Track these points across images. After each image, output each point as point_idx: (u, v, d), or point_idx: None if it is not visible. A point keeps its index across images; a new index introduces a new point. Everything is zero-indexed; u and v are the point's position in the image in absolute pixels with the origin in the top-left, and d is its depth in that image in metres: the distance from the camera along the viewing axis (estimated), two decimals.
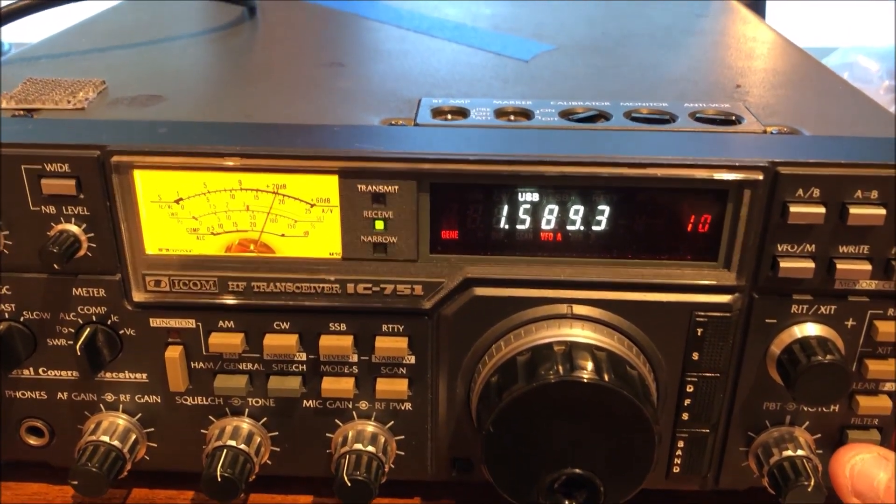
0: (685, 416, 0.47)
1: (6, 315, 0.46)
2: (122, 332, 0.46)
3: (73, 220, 0.43)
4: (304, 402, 0.48)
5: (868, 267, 0.43)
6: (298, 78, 0.56)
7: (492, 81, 0.55)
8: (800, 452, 0.46)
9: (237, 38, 0.68)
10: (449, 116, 0.48)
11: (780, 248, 0.43)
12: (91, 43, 0.63)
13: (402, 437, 0.49)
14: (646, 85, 0.55)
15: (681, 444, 0.48)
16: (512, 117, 0.48)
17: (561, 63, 0.60)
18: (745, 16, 0.78)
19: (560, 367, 0.42)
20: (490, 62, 0.60)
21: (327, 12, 0.76)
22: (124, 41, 0.64)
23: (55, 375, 0.48)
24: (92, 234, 0.44)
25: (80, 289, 0.45)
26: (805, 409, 0.47)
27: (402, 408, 0.48)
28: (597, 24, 0.72)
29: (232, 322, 0.46)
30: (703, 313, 0.44)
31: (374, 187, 0.43)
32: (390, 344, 0.46)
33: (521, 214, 0.44)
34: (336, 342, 0.46)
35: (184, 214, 0.44)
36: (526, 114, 0.48)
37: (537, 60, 0.60)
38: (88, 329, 0.46)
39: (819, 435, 0.48)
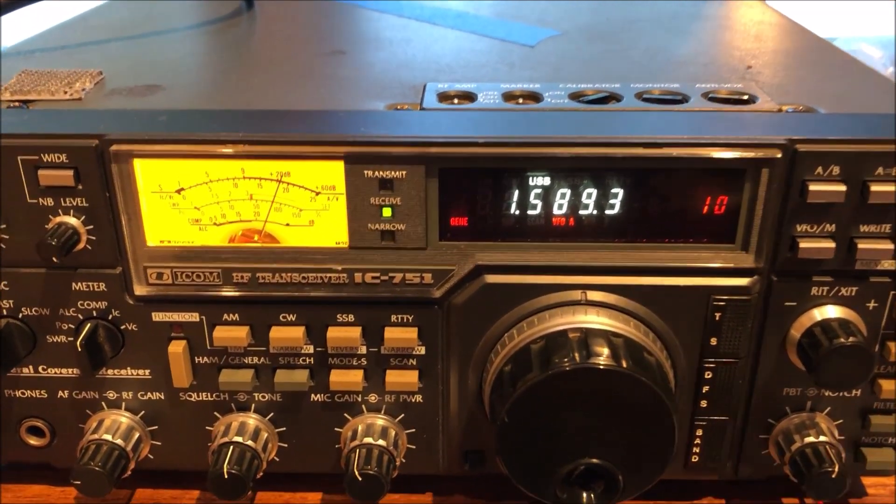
0: (703, 404, 0.46)
1: (4, 312, 0.45)
2: (123, 327, 0.45)
3: (71, 211, 0.42)
4: (312, 395, 0.47)
5: (890, 246, 0.41)
6: (299, 66, 0.55)
7: (498, 66, 0.54)
8: (822, 438, 0.45)
9: (236, 28, 0.66)
10: (456, 101, 0.47)
11: (799, 229, 0.42)
12: (86, 36, 0.62)
13: (413, 430, 0.48)
14: (655, 67, 0.54)
15: (699, 432, 0.47)
16: (521, 100, 0.46)
17: (567, 48, 0.59)
18: None
19: (576, 355, 0.41)
20: (495, 48, 0.58)
21: (325, 2, 0.74)
22: (120, 34, 0.62)
23: (55, 373, 0.47)
24: (91, 227, 0.43)
25: (79, 283, 0.44)
26: (826, 394, 0.46)
27: (413, 400, 0.47)
28: (600, 11, 0.71)
29: (237, 315, 0.45)
30: (720, 297, 0.43)
31: (380, 173, 0.41)
32: (400, 335, 0.45)
33: (532, 199, 0.43)
34: (344, 334, 0.45)
35: (185, 205, 0.43)
36: (535, 97, 0.46)
37: (543, 46, 0.59)
38: (89, 325, 0.45)
39: (841, 420, 0.46)
